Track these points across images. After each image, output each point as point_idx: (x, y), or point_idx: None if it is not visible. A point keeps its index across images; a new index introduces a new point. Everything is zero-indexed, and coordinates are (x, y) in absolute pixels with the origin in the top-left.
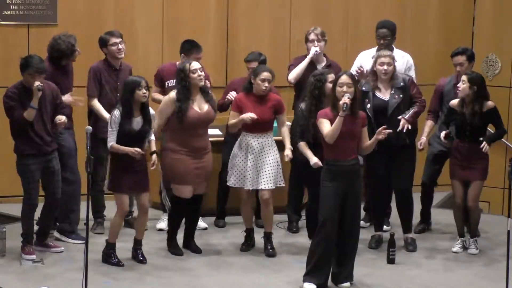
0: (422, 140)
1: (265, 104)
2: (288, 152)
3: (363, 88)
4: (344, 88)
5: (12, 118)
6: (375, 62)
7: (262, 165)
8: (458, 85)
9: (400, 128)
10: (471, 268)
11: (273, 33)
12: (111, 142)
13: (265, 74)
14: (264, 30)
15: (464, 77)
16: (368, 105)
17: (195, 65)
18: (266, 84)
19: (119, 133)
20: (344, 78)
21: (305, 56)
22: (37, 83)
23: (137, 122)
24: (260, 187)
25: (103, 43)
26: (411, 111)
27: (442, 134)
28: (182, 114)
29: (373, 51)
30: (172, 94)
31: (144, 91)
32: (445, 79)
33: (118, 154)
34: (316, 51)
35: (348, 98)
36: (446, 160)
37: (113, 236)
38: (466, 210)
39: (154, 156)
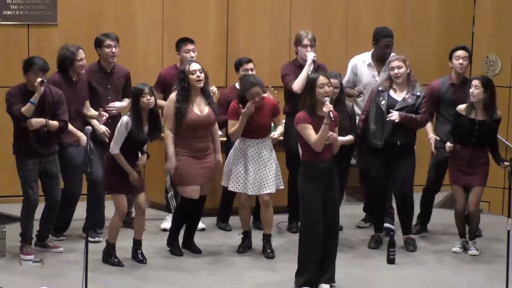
0: (431, 139)
1: (262, 110)
2: (276, 134)
3: (380, 88)
4: (326, 88)
5: (11, 114)
6: (387, 68)
7: (262, 170)
8: (471, 90)
9: (389, 115)
10: (471, 268)
11: (273, 33)
12: (116, 149)
13: (253, 91)
14: (264, 30)
15: (476, 82)
16: (383, 102)
17: (194, 66)
18: (257, 99)
19: (128, 139)
20: (322, 79)
21: (294, 61)
22: (39, 79)
23: (145, 129)
24: (261, 192)
25: (99, 43)
26: (410, 114)
27: (448, 145)
28: (181, 115)
29: (365, 57)
30: (173, 95)
31: (149, 97)
32: (437, 81)
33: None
34: (314, 56)
35: (331, 104)
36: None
37: (113, 236)
38: (466, 214)
39: (145, 156)
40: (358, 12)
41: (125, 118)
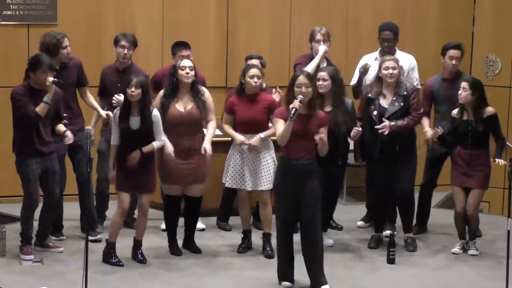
0: (427, 133)
1: (258, 105)
2: (257, 137)
3: (369, 95)
4: (303, 89)
5: (24, 114)
6: (380, 67)
7: (259, 166)
8: (459, 92)
9: (378, 126)
10: (471, 268)
11: (273, 33)
12: (113, 141)
13: (253, 71)
14: (264, 30)
15: (464, 84)
16: (375, 112)
17: (185, 62)
18: (256, 80)
19: (120, 131)
20: (301, 79)
21: (309, 55)
22: (51, 78)
23: (135, 121)
24: (259, 189)
25: (115, 41)
26: (400, 121)
27: (437, 130)
28: (164, 111)
29: (375, 54)
30: (162, 91)
31: (133, 89)
32: (431, 79)
33: (122, 153)
34: (326, 49)
35: (300, 102)
36: (445, 162)
37: (113, 235)
38: (466, 215)
39: (134, 153)
40: (358, 12)
41: (115, 110)
